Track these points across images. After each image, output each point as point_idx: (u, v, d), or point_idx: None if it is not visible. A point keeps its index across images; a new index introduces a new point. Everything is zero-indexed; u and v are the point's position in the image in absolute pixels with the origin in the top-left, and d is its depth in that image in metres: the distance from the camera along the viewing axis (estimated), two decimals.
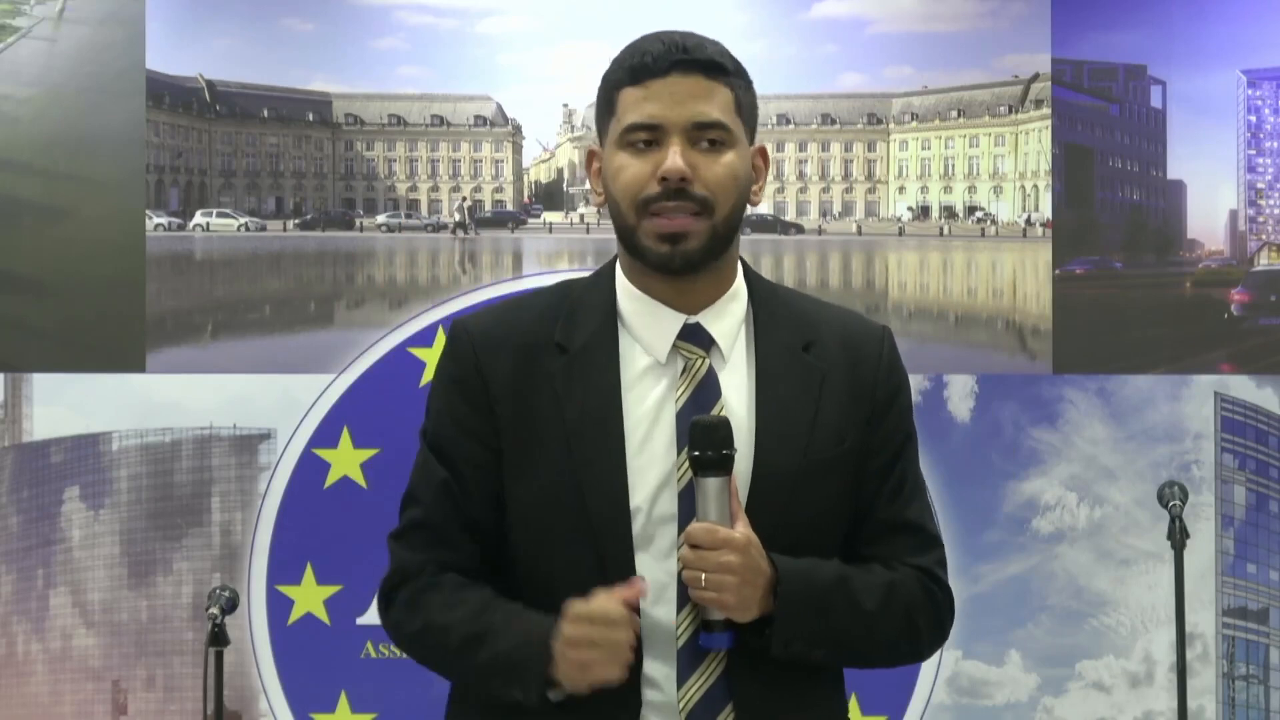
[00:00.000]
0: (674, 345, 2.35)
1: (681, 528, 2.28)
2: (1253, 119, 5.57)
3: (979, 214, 5.77)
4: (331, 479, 5.24)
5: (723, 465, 2.24)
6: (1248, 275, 5.54)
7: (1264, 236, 5.58)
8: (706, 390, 2.33)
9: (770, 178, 2.86)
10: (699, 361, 2.34)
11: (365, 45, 5.44)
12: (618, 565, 2.29)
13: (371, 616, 5.18)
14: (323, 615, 5.21)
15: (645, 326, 2.36)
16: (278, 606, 5.22)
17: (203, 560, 5.28)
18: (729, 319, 2.37)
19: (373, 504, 5.22)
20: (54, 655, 5.30)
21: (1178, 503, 4.67)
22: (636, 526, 2.30)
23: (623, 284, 2.39)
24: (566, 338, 2.35)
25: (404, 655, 2.45)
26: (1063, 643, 5.30)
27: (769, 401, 2.34)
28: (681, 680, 2.30)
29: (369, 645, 5.22)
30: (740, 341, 2.38)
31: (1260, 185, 5.59)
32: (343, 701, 5.20)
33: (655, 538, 2.31)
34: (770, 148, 2.69)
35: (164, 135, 5.48)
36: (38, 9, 5.37)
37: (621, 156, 2.32)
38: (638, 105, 2.32)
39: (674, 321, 2.36)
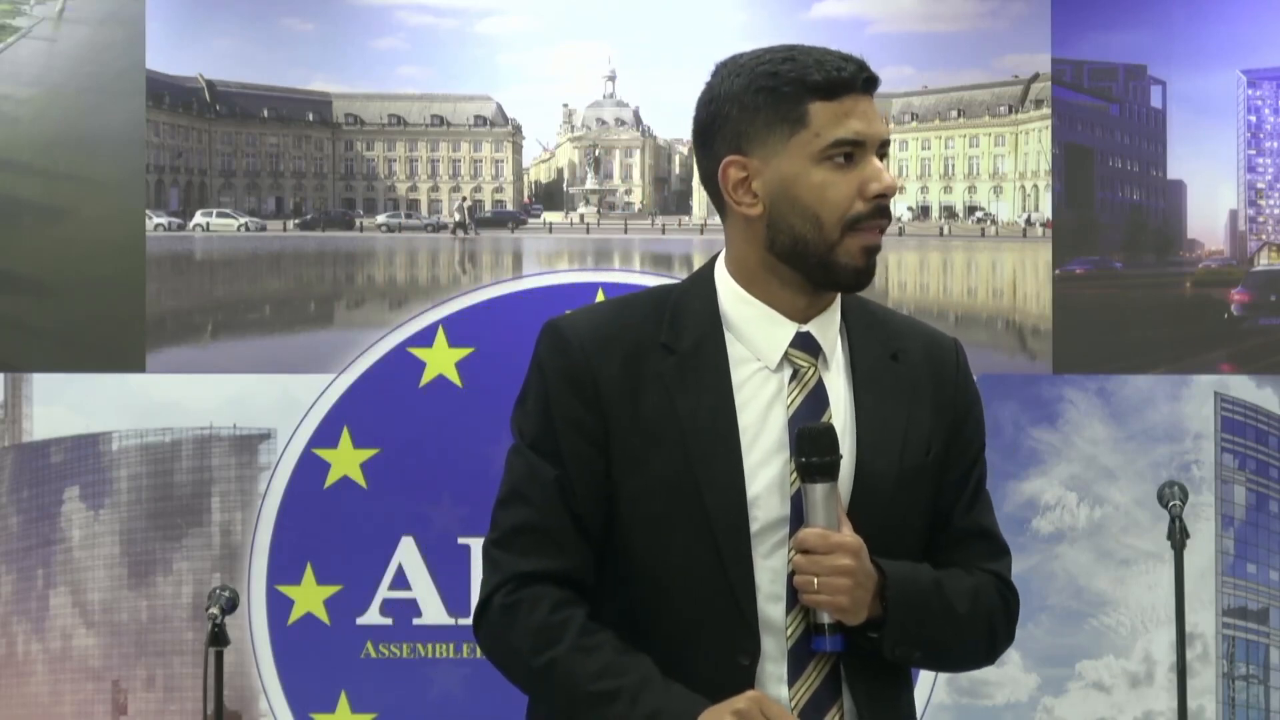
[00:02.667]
0: (786, 352, 2.38)
1: (792, 531, 2.32)
2: (1253, 119, 5.57)
3: (979, 214, 5.77)
4: (331, 479, 5.24)
5: (829, 471, 2.29)
6: (1248, 275, 5.54)
7: (1264, 236, 5.58)
8: (817, 398, 2.37)
9: None
10: (810, 370, 2.38)
11: (365, 45, 5.43)
12: (736, 559, 2.32)
13: (371, 616, 5.19)
14: (323, 615, 5.21)
15: (756, 332, 2.39)
16: (278, 606, 5.22)
17: (203, 560, 5.28)
18: (831, 329, 2.42)
19: (373, 504, 5.22)
20: (54, 655, 5.30)
21: (1178, 503, 4.66)
22: (756, 527, 2.33)
23: (729, 288, 2.41)
24: (673, 339, 2.38)
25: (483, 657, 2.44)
26: (1063, 643, 5.30)
27: (867, 408, 2.39)
28: (792, 680, 2.34)
29: (369, 645, 5.22)
30: (837, 349, 2.42)
31: (1260, 185, 5.59)
32: (343, 701, 5.20)
33: (765, 540, 2.34)
34: None
35: (164, 135, 5.48)
36: (38, 9, 5.37)
37: (820, 172, 2.32)
38: (840, 121, 2.32)
39: (787, 329, 2.39)
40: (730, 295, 2.40)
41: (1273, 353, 5.43)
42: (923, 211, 5.79)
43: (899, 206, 5.77)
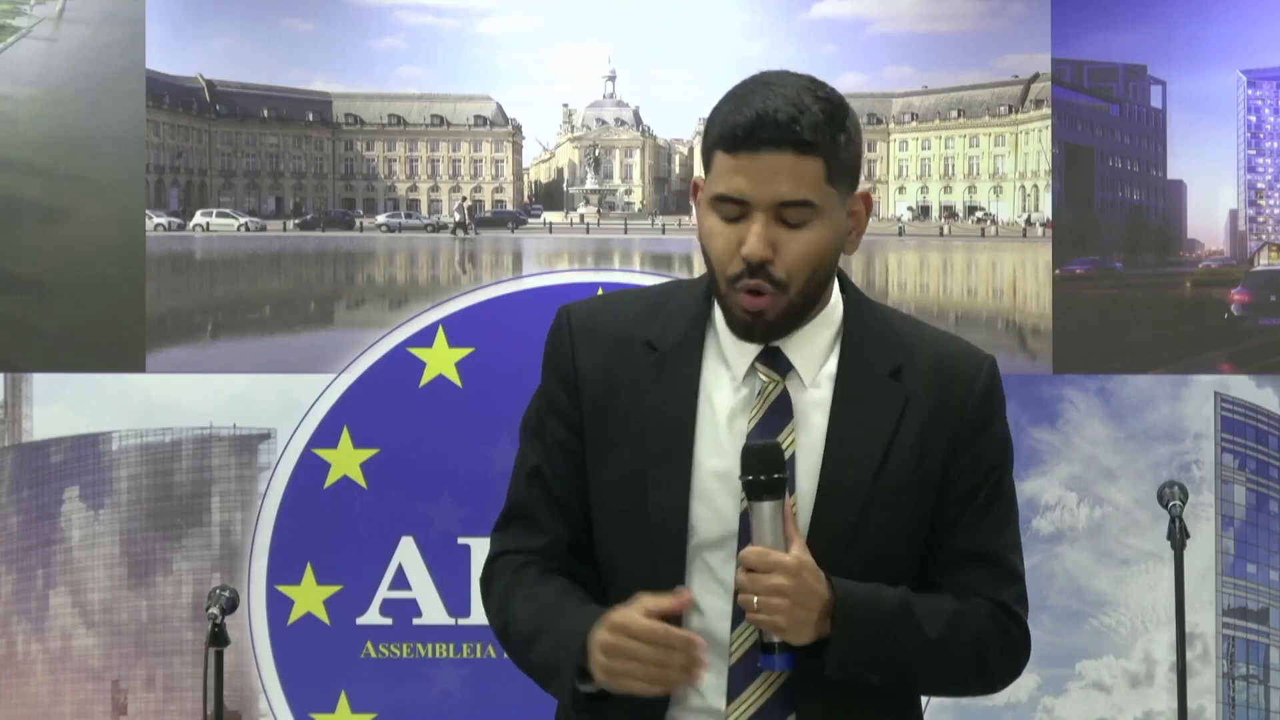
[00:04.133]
0: (753, 366, 2.37)
1: (742, 545, 2.30)
2: (1253, 119, 5.57)
3: (979, 214, 5.77)
4: (331, 479, 5.24)
5: (775, 489, 2.26)
6: (1248, 275, 5.54)
7: (1264, 236, 5.58)
8: (778, 414, 2.35)
9: None
10: (773, 386, 2.36)
11: (365, 45, 5.43)
12: (669, 559, 2.33)
13: (371, 616, 5.19)
14: (323, 615, 5.21)
15: (731, 343, 2.39)
16: (278, 606, 5.22)
17: (203, 560, 5.28)
18: (813, 345, 2.38)
19: (373, 504, 5.22)
20: (54, 655, 5.30)
21: (1178, 503, 4.67)
22: (697, 537, 2.34)
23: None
24: (658, 337, 2.40)
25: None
26: (1063, 643, 5.30)
27: (842, 425, 2.35)
28: (733, 695, 2.33)
29: (369, 645, 5.22)
30: (829, 366, 2.39)
31: (1260, 185, 5.59)
32: (343, 701, 5.20)
33: (716, 550, 2.34)
34: None
35: (164, 135, 5.48)
36: (38, 9, 5.37)
37: (712, 219, 2.33)
38: (727, 176, 2.30)
39: (755, 344, 2.38)
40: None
41: (1273, 353, 5.43)
42: (923, 211, 5.79)
43: (899, 206, 5.77)
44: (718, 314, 2.40)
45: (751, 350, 2.37)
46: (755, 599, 2.25)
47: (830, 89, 2.34)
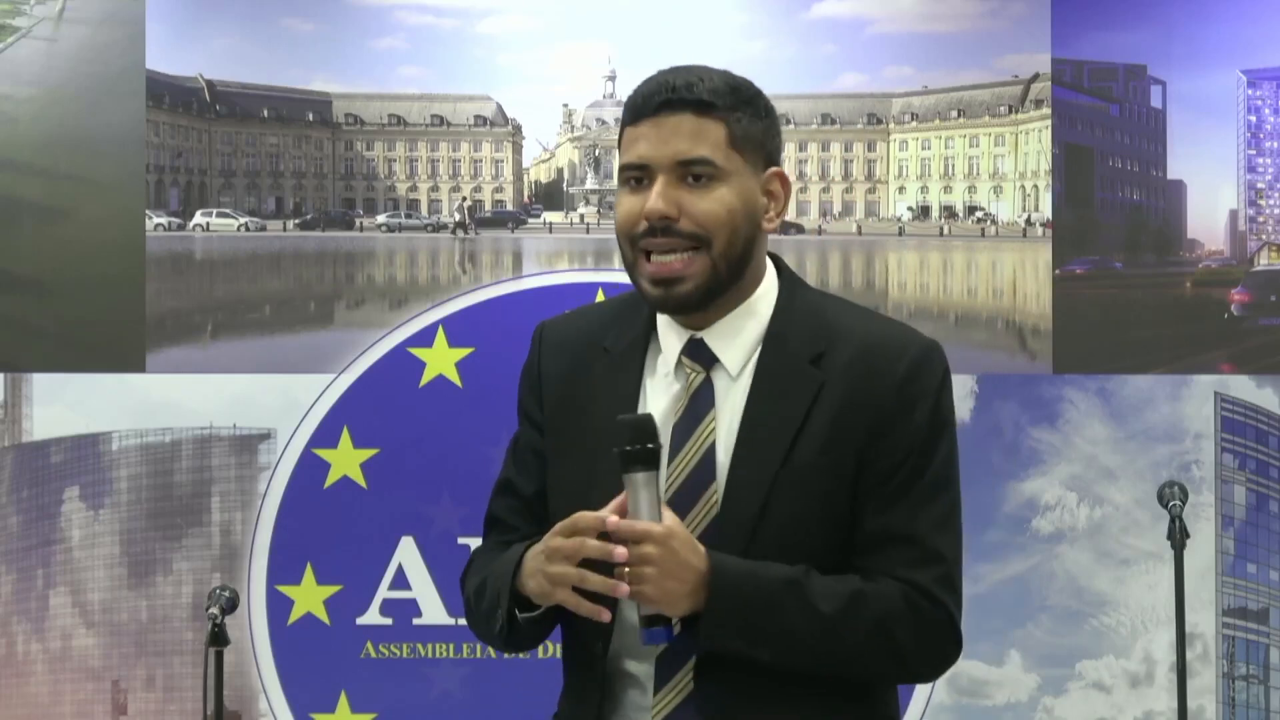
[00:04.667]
0: (680, 359, 2.41)
1: None
2: (1253, 119, 5.57)
3: (979, 214, 5.77)
4: (331, 479, 5.24)
5: (647, 460, 2.27)
6: (1248, 275, 5.54)
7: (1264, 236, 5.58)
8: (699, 404, 2.39)
9: None
10: (696, 376, 2.40)
11: (365, 45, 5.43)
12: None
13: (371, 616, 5.19)
14: (323, 615, 5.21)
15: (665, 339, 2.44)
16: (278, 606, 5.22)
17: (203, 560, 5.28)
18: (739, 336, 2.41)
19: (373, 504, 5.22)
20: (54, 655, 5.30)
21: (1178, 503, 4.67)
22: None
23: None
24: (613, 341, 2.46)
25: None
26: (1063, 643, 5.30)
27: (755, 413, 2.37)
28: (658, 688, 2.35)
29: (369, 645, 5.22)
30: (753, 357, 2.41)
31: (1260, 185, 5.59)
32: (343, 701, 5.20)
33: None
34: None
35: (164, 135, 5.48)
36: (38, 9, 5.37)
37: (621, 193, 2.38)
38: (630, 145, 2.37)
39: (680, 337, 2.42)
40: None
41: (1273, 353, 5.43)
42: (923, 211, 5.79)
43: (899, 206, 5.77)
44: (660, 315, 2.44)
45: (678, 344, 2.41)
46: (626, 570, 2.25)
47: (746, 80, 2.41)
